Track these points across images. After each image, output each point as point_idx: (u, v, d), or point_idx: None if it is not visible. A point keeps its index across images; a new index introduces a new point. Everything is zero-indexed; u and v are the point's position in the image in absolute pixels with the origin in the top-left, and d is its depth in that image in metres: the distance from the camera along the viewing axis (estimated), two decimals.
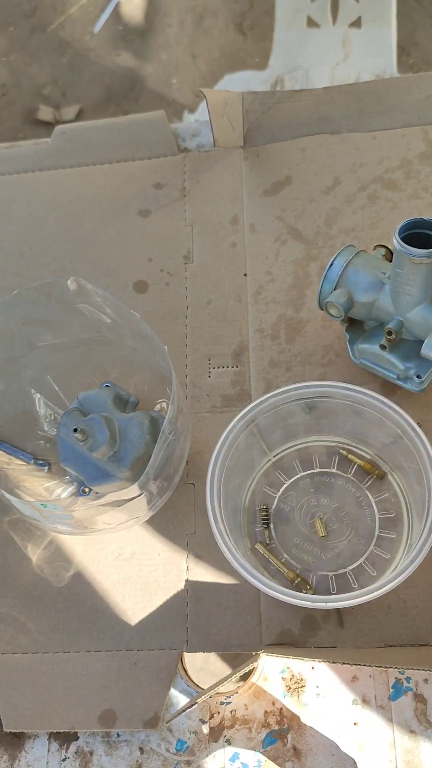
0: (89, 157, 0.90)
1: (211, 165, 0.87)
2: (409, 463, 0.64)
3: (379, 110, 0.85)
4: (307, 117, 0.86)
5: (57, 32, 1.93)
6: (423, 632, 0.64)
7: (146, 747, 0.65)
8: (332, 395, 0.66)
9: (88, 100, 1.85)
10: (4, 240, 0.87)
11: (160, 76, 1.84)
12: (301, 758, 0.62)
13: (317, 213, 0.82)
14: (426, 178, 0.81)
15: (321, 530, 0.68)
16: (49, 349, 0.76)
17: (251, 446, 0.69)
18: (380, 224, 0.80)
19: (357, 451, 0.71)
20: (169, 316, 0.80)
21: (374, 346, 0.70)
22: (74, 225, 0.87)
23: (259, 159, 0.86)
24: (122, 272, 0.83)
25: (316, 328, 0.77)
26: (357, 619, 0.65)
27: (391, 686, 0.64)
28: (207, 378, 0.77)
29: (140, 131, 0.90)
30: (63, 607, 0.70)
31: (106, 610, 0.69)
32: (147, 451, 0.67)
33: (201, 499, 0.71)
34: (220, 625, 0.67)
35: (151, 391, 0.76)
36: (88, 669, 0.67)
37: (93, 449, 0.67)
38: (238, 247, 0.82)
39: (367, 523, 0.68)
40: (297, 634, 0.65)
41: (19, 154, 0.92)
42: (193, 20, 1.88)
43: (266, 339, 0.77)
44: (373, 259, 0.69)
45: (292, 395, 0.66)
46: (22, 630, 0.69)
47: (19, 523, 0.73)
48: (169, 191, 0.87)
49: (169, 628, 0.67)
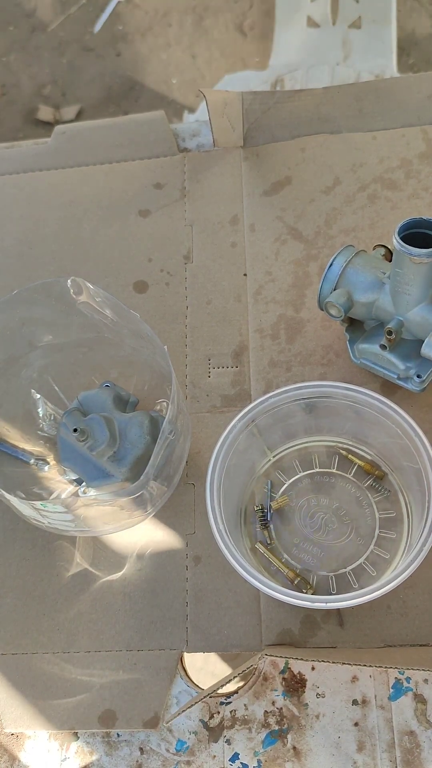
0: (89, 157, 0.90)
1: (211, 165, 0.87)
2: (409, 463, 0.64)
3: (379, 110, 0.85)
4: (307, 117, 0.86)
5: (57, 32, 1.93)
6: (423, 632, 0.64)
7: (146, 747, 0.65)
8: (332, 395, 0.66)
9: (88, 100, 1.85)
10: (4, 240, 0.87)
11: (160, 76, 1.84)
12: (301, 758, 0.62)
13: (317, 213, 0.82)
14: (426, 178, 0.81)
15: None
16: (49, 349, 0.76)
17: (251, 446, 0.69)
18: (380, 224, 0.80)
19: (357, 451, 0.71)
20: (168, 316, 0.80)
21: (374, 346, 0.70)
22: (74, 225, 0.87)
23: (259, 159, 0.86)
24: (122, 272, 0.83)
25: (316, 328, 0.77)
26: (357, 619, 0.65)
27: (391, 686, 0.64)
28: (207, 378, 0.77)
29: (140, 131, 0.90)
30: (63, 607, 0.70)
31: (106, 610, 0.69)
32: (147, 451, 0.68)
33: (201, 499, 0.72)
34: (220, 625, 0.67)
35: (151, 391, 0.76)
36: (88, 669, 0.67)
37: (93, 449, 0.67)
38: (238, 247, 0.82)
39: (367, 523, 0.68)
40: (297, 634, 0.65)
41: (19, 154, 0.92)
42: (193, 20, 1.88)
43: (266, 339, 0.77)
44: (373, 259, 0.69)
45: (292, 395, 0.66)
46: (22, 630, 0.69)
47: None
48: (169, 191, 0.87)
49: (169, 628, 0.67)
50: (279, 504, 0.69)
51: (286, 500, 0.69)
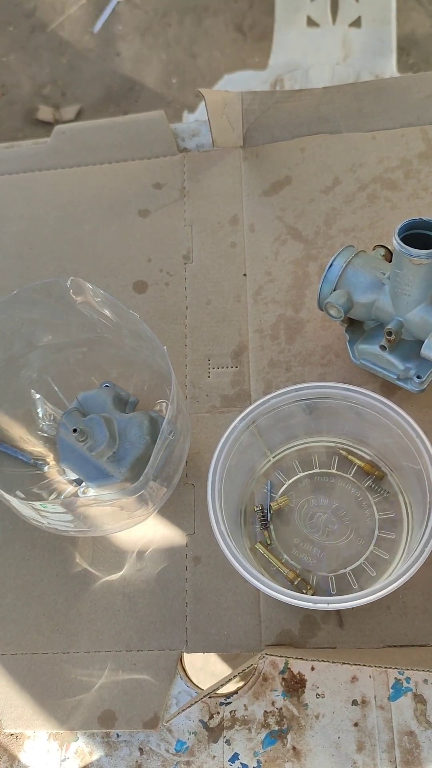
0: (89, 157, 0.90)
1: (211, 165, 0.87)
2: (409, 463, 0.64)
3: (379, 110, 0.85)
4: (306, 117, 0.86)
5: (57, 32, 1.93)
6: (423, 632, 0.64)
7: (146, 747, 0.65)
8: (332, 396, 0.66)
9: (88, 100, 1.85)
10: (4, 240, 0.87)
11: (160, 76, 1.84)
12: (301, 758, 0.62)
13: (317, 213, 0.82)
14: (426, 178, 0.81)
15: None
16: (49, 349, 0.76)
17: (251, 447, 0.69)
18: (380, 224, 0.80)
19: (357, 451, 0.71)
20: (168, 316, 0.80)
21: (374, 347, 0.70)
22: (74, 225, 0.87)
23: (259, 159, 0.86)
24: (122, 272, 0.83)
25: (315, 328, 0.77)
26: (357, 620, 0.65)
27: (391, 686, 0.64)
28: (206, 378, 0.77)
29: (140, 131, 0.90)
30: (63, 607, 0.70)
31: (106, 610, 0.69)
32: (146, 452, 0.68)
33: (200, 499, 0.72)
34: (220, 625, 0.67)
35: (151, 391, 0.76)
36: (88, 669, 0.67)
37: (92, 449, 0.67)
38: (237, 247, 0.82)
39: (367, 524, 0.68)
40: (297, 634, 0.65)
41: (18, 154, 0.92)
42: (193, 20, 1.88)
43: (266, 339, 0.77)
44: (373, 260, 0.69)
45: (292, 396, 0.66)
46: (22, 630, 0.69)
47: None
48: (168, 191, 0.87)
49: (169, 628, 0.67)
50: (279, 504, 0.69)
51: (286, 500, 0.69)
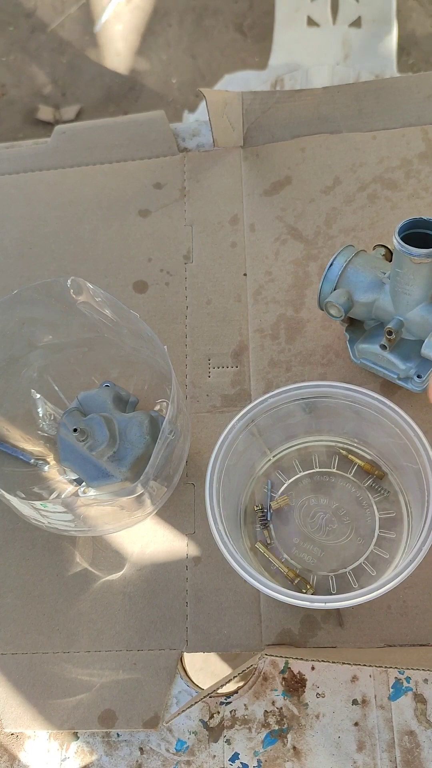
0: (89, 156, 0.90)
1: (211, 165, 0.87)
2: (409, 463, 0.64)
3: (379, 110, 0.85)
4: (306, 117, 0.86)
5: (57, 32, 1.93)
6: (423, 632, 0.64)
7: (146, 747, 0.65)
8: (332, 395, 0.66)
9: (88, 100, 1.85)
10: (4, 240, 0.87)
11: (160, 75, 1.84)
12: (301, 758, 0.62)
13: (317, 213, 0.82)
14: (426, 178, 0.81)
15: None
16: (49, 349, 0.76)
17: (251, 446, 0.69)
18: (380, 224, 0.80)
19: (357, 451, 0.71)
20: (168, 316, 0.80)
21: (374, 346, 0.70)
22: (74, 225, 0.87)
23: (259, 159, 0.86)
24: (122, 272, 0.83)
25: (316, 328, 0.77)
26: (357, 619, 0.65)
27: (391, 686, 0.64)
28: (207, 378, 0.77)
29: (140, 131, 0.90)
30: (63, 607, 0.70)
31: (106, 609, 0.69)
32: (147, 451, 0.68)
33: (201, 499, 0.72)
34: (220, 625, 0.67)
35: (151, 391, 0.76)
36: (88, 669, 0.67)
37: (93, 449, 0.67)
38: (237, 246, 0.82)
39: (367, 523, 0.68)
40: (297, 634, 0.65)
41: (18, 154, 0.92)
42: (193, 20, 1.88)
43: (266, 339, 0.77)
44: (373, 259, 0.69)
45: (292, 395, 0.65)
46: (22, 630, 0.69)
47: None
48: (168, 191, 0.87)
49: (169, 628, 0.67)
50: (279, 504, 0.69)
51: (286, 500, 0.69)
